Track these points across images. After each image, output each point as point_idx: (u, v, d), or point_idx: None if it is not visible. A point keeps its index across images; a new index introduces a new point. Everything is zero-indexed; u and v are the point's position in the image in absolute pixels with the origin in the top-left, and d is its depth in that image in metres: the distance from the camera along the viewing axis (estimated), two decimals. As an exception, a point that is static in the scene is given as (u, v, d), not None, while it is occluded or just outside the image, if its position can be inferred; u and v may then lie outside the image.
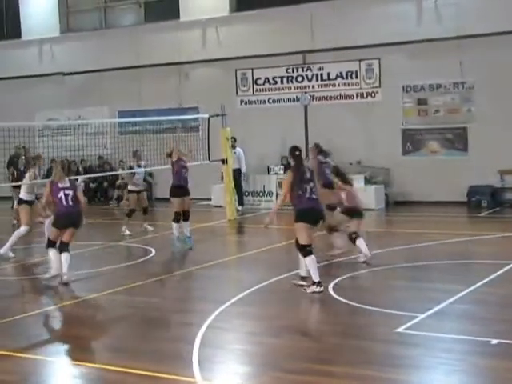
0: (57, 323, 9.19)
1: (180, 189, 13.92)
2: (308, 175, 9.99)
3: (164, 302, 9.96)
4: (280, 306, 9.65)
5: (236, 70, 21.92)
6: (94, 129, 23.37)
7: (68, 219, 10.94)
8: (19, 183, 14.74)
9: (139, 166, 16.35)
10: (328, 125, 20.26)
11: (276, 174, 20.08)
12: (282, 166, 20.16)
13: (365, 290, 10.35)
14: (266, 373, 6.96)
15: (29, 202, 13.52)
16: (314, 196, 9.90)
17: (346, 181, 12.24)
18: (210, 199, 20.96)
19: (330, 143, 20.13)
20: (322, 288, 9.73)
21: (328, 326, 8.48)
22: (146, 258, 13.10)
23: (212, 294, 10.34)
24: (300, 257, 10.06)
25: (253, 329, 8.68)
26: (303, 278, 10.16)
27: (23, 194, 13.64)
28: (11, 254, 13.29)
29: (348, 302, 9.33)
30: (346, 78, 20.55)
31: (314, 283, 9.76)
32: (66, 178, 11.08)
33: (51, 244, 11.01)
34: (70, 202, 10.91)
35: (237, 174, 19.48)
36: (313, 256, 9.79)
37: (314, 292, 9.68)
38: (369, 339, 7.81)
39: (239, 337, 8.33)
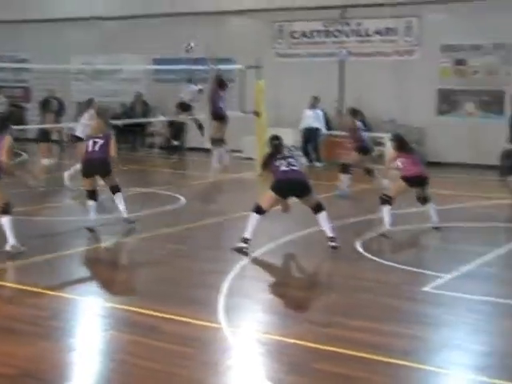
0: (88, 265, 9.38)
1: None
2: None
3: (192, 250, 10.08)
4: (308, 259, 9.73)
5: (273, 23, 21.73)
6: (128, 75, 23.37)
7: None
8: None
9: None
10: (363, 82, 20.07)
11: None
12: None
13: (393, 248, 10.39)
14: (290, 324, 7.05)
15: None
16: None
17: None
18: (240, 151, 21.00)
19: (364, 100, 20.04)
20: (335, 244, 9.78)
21: (354, 281, 8.53)
22: (176, 206, 13.22)
23: (240, 244, 10.44)
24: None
25: (280, 280, 8.79)
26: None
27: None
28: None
29: (375, 258, 9.38)
30: (385, 34, 20.32)
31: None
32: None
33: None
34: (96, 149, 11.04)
35: (315, 133, 19.65)
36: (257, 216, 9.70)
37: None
38: (395, 296, 7.87)
39: (266, 287, 8.42)
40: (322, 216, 9.83)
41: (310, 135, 19.77)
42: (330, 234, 9.82)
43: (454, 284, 8.22)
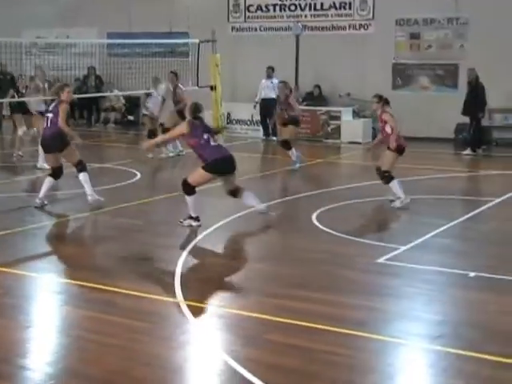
0: (41, 241, 9.26)
1: None
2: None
3: (148, 225, 10.03)
4: (263, 233, 9.76)
5: (229, -4, 21.61)
6: (82, 49, 23.04)
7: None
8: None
9: None
10: (319, 55, 20.08)
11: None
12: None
13: (348, 221, 10.44)
14: (247, 296, 7.08)
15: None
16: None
17: None
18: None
19: (320, 74, 20.08)
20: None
21: (310, 253, 8.57)
22: (131, 181, 13.13)
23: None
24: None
25: (235, 254, 8.82)
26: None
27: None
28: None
29: (331, 231, 9.43)
30: (339, 8, 20.31)
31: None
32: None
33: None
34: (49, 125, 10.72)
35: (272, 104, 19.42)
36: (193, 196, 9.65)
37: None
38: (349, 268, 7.93)
39: (221, 261, 8.45)
40: (247, 195, 9.87)
41: (266, 106, 19.54)
42: (261, 207, 10.00)
43: (408, 255, 8.31)
